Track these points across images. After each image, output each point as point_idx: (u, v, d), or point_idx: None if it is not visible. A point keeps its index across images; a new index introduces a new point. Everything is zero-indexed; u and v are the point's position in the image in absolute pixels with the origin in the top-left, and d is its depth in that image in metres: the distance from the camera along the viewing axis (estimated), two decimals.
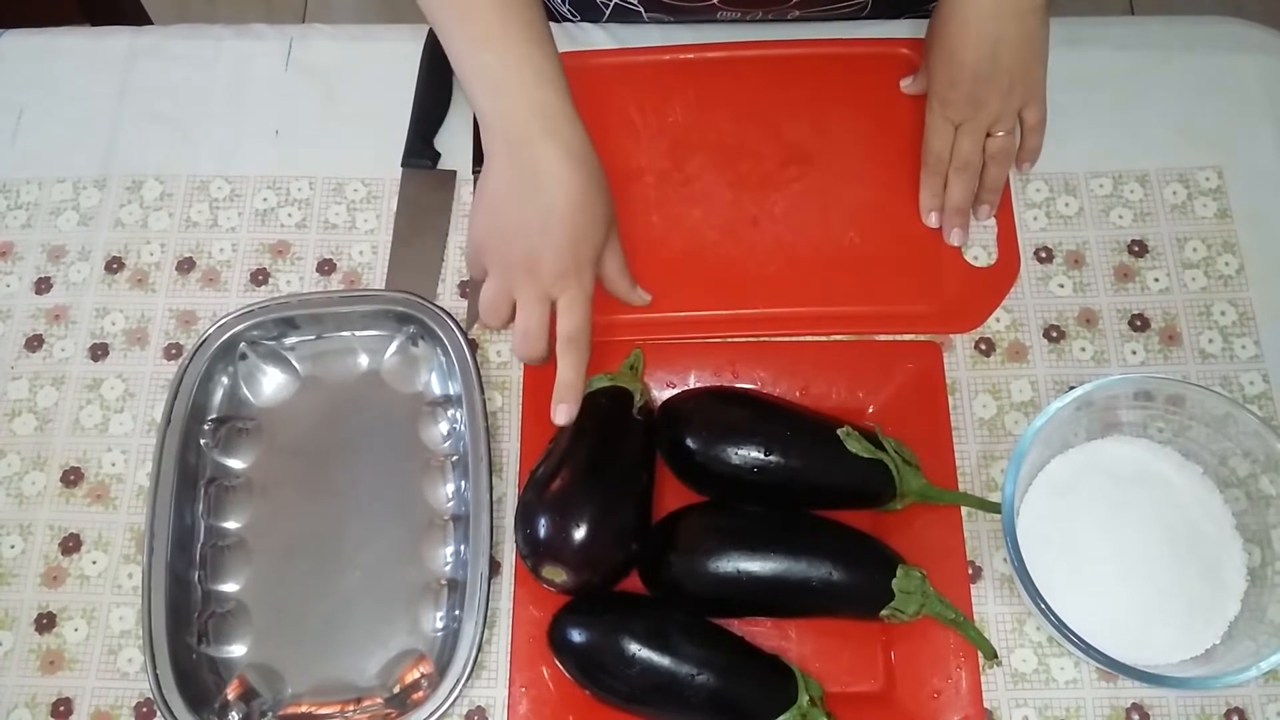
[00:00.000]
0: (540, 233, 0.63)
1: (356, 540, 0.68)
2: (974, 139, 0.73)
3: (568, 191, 0.63)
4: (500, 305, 0.65)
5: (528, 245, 0.64)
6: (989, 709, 0.64)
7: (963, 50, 0.70)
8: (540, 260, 0.63)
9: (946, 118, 0.73)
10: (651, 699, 0.61)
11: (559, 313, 0.64)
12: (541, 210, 0.63)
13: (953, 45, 0.70)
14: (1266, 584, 0.62)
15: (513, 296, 0.65)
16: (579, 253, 0.64)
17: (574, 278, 0.64)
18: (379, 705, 0.64)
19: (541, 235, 0.63)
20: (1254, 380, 0.71)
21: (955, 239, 0.74)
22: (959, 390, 0.71)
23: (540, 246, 0.63)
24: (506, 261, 0.65)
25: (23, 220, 0.78)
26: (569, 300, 0.64)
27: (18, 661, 0.67)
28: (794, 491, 0.65)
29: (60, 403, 0.73)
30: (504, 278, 0.65)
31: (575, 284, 0.64)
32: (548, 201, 0.63)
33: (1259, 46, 0.80)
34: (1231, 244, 0.75)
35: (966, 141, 0.73)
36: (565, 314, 0.64)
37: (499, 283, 0.65)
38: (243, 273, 0.76)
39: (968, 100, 0.71)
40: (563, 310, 0.64)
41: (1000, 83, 0.70)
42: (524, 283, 0.64)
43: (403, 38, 0.82)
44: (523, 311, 0.64)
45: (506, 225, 0.64)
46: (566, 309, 0.64)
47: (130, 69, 0.82)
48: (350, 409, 0.71)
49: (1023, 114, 0.73)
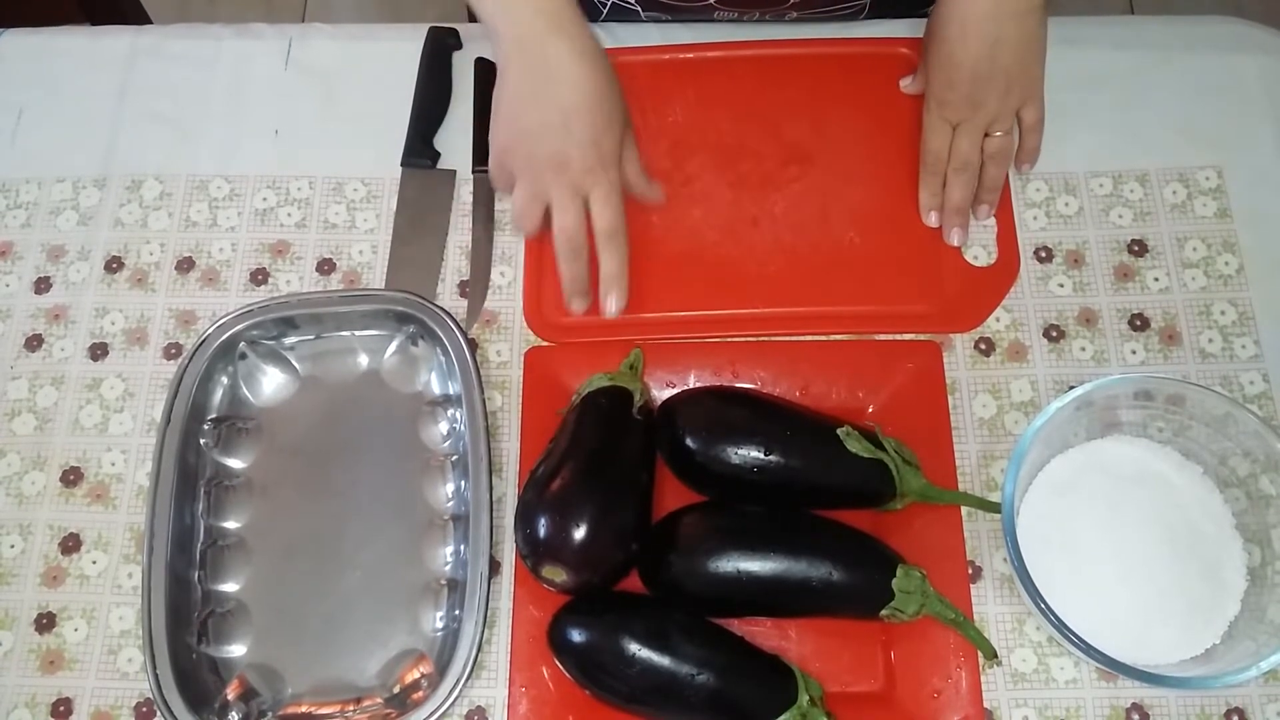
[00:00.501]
0: (562, 129, 0.65)
1: (356, 540, 0.68)
2: (972, 139, 0.73)
3: (582, 88, 0.65)
4: (533, 209, 0.67)
5: (552, 144, 0.65)
6: (989, 709, 0.64)
7: (961, 51, 0.70)
8: (567, 157, 0.65)
9: (944, 118, 0.73)
10: (651, 699, 0.61)
11: (594, 209, 0.67)
12: (560, 108, 0.65)
13: (951, 46, 0.71)
14: (1266, 584, 0.62)
15: (544, 199, 0.67)
16: (602, 147, 0.66)
17: (601, 172, 0.66)
18: (379, 705, 0.64)
19: (564, 132, 0.65)
20: (1254, 380, 0.71)
21: (955, 239, 0.74)
22: (959, 390, 0.71)
23: (565, 143, 0.65)
24: (534, 163, 0.66)
25: (22, 220, 0.78)
26: (602, 195, 0.67)
27: (18, 661, 0.67)
28: (794, 491, 0.65)
29: (60, 403, 0.73)
30: (534, 181, 0.67)
31: (604, 178, 0.66)
32: (565, 99, 0.65)
33: (1259, 46, 0.80)
34: (1231, 244, 0.75)
35: (965, 141, 0.73)
36: (600, 209, 0.67)
37: (529, 187, 0.67)
38: (242, 272, 0.76)
39: (966, 100, 0.71)
40: (597, 206, 0.67)
41: (998, 83, 0.70)
42: (555, 181, 0.66)
43: (403, 38, 0.82)
44: (559, 211, 0.66)
45: (528, 127, 0.66)
46: (601, 203, 0.67)
47: (130, 69, 0.82)
48: (350, 409, 0.71)
49: (1021, 114, 0.73)
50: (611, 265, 0.68)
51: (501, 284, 0.75)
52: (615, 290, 0.69)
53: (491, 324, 0.74)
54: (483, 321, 0.74)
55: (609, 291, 0.69)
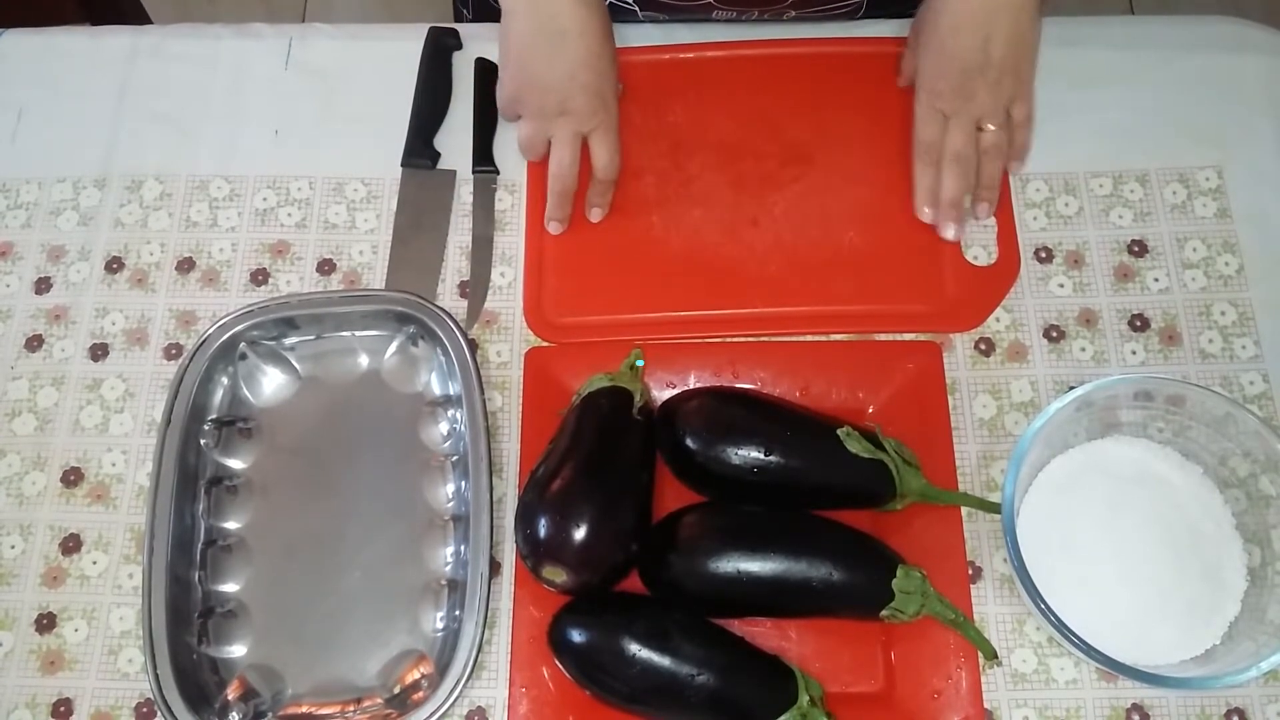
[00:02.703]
0: (569, 80, 0.71)
1: (356, 540, 0.68)
2: (965, 131, 0.73)
3: (589, 40, 0.71)
4: (538, 144, 0.75)
5: (559, 94, 0.72)
6: (989, 709, 0.64)
7: (953, 42, 0.71)
8: (573, 104, 0.72)
9: (936, 108, 0.73)
10: (651, 699, 0.61)
11: (594, 147, 0.74)
12: (569, 60, 0.71)
13: (943, 37, 0.71)
14: (1266, 584, 0.62)
15: (547, 135, 0.74)
16: (604, 93, 0.73)
17: (602, 114, 0.73)
18: (379, 705, 0.64)
19: (570, 82, 0.71)
20: (1254, 380, 0.71)
21: (950, 233, 0.74)
22: (959, 390, 0.71)
23: (571, 92, 0.72)
24: (541, 109, 0.73)
25: (23, 220, 0.78)
26: (601, 135, 0.73)
27: (18, 662, 0.67)
28: (794, 492, 0.65)
29: (60, 403, 0.73)
30: (539, 122, 0.74)
31: (604, 119, 0.73)
32: (573, 52, 0.71)
33: (1259, 46, 0.80)
34: (1231, 244, 0.75)
35: (958, 134, 0.73)
36: (599, 147, 0.74)
37: (534, 126, 0.74)
38: (243, 273, 0.76)
39: (956, 92, 0.72)
40: (596, 144, 0.74)
41: (989, 76, 0.71)
42: (558, 124, 0.73)
43: (403, 37, 0.82)
44: (559, 146, 0.73)
45: (537, 78, 0.72)
46: (600, 142, 0.74)
47: (130, 69, 0.82)
48: (350, 409, 0.71)
49: (1011, 110, 0.73)
50: (599, 189, 0.75)
51: (501, 284, 0.75)
52: (599, 205, 0.75)
53: (491, 324, 0.74)
54: (483, 322, 0.74)
55: (594, 205, 0.75)
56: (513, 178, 0.78)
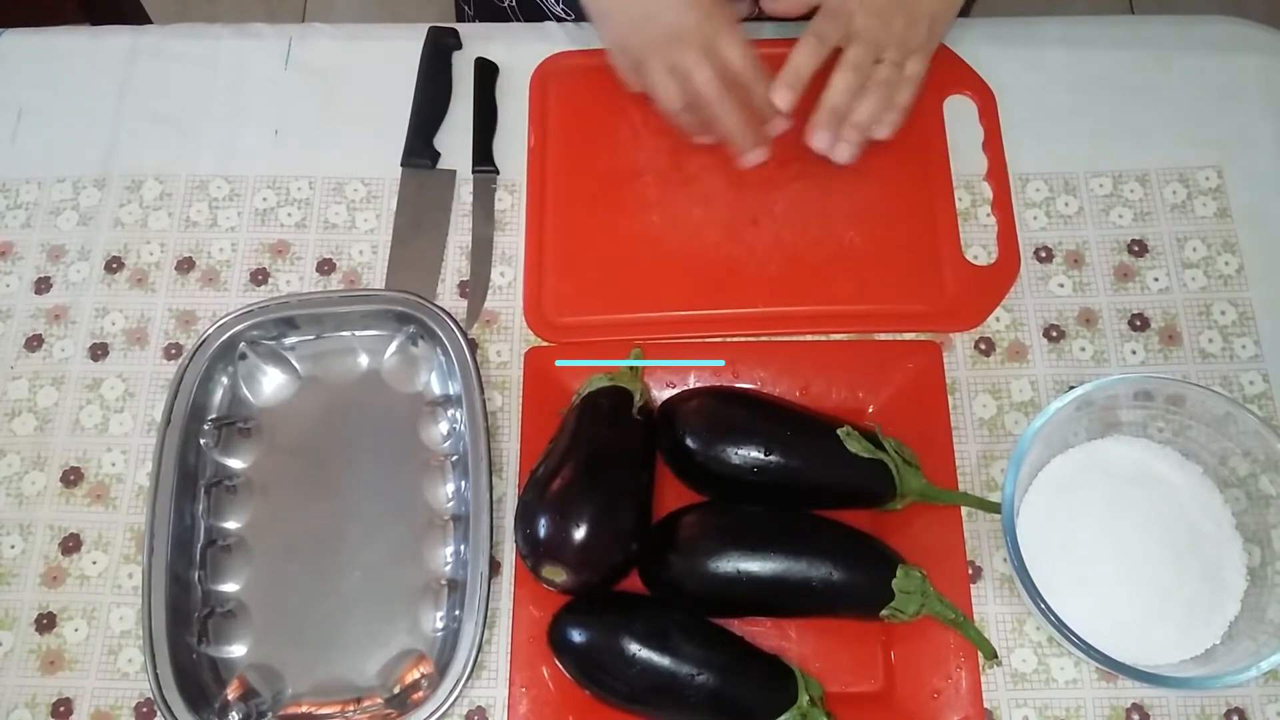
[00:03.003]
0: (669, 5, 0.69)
1: (356, 540, 0.68)
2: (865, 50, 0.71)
3: None
4: (669, 82, 0.71)
5: (666, 19, 0.70)
6: (989, 709, 0.64)
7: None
8: (685, 25, 0.69)
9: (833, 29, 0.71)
10: (651, 699, 0.61)
11: (727, 54, 0.70)
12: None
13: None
14: (1266, 584, 0.62)
15: (678, 69, 0.70)
16: (711, 5, 0.69)
17: (717, 17, 0.69)
18: (379, 705, 0.64)
19: (673, 6, 0.69)
20: (1254, 380, 0.71)
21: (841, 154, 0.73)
22: (959, 390, 0.71)
23: (679, 15, 0.69)
24: (653, 45, 0.71)
25: (22, 220, 0.78)
26: (729, 41, 0.70)
27: (18, 662, 0.67)
28: (794, 491, 0.65)
29: (60, 403, 0.73)
30: (660, 59, 0.70)
31: (718, 21, 0.69)
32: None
33: (1259, 46, 0.80)
34: (1231, 244, 0.75)
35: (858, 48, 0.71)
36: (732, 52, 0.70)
37: (659, 62, 0.71)
38: (242, 272, 0.76)
39: (874, 13, 0.70)
40: (728, 50, 0.70)
41: (912, 12, 0.71)
42: (682, 48, 0.69)
43: (403, 37, 0.82)
44: (695, 68, 0.69)
45: (641, 15, 0.71)
46: (731, 47, 0.70)
47: (130, 69, 0.82)
48: (350, 409, 0.71)
49: (907, 62, 0.73)
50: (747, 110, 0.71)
51: (501, 284, 0.75)
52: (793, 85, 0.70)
53: (491, 324, 0.74)
54: (483, 321, 0.74)
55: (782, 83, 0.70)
56: (513, 178, 0.78)
